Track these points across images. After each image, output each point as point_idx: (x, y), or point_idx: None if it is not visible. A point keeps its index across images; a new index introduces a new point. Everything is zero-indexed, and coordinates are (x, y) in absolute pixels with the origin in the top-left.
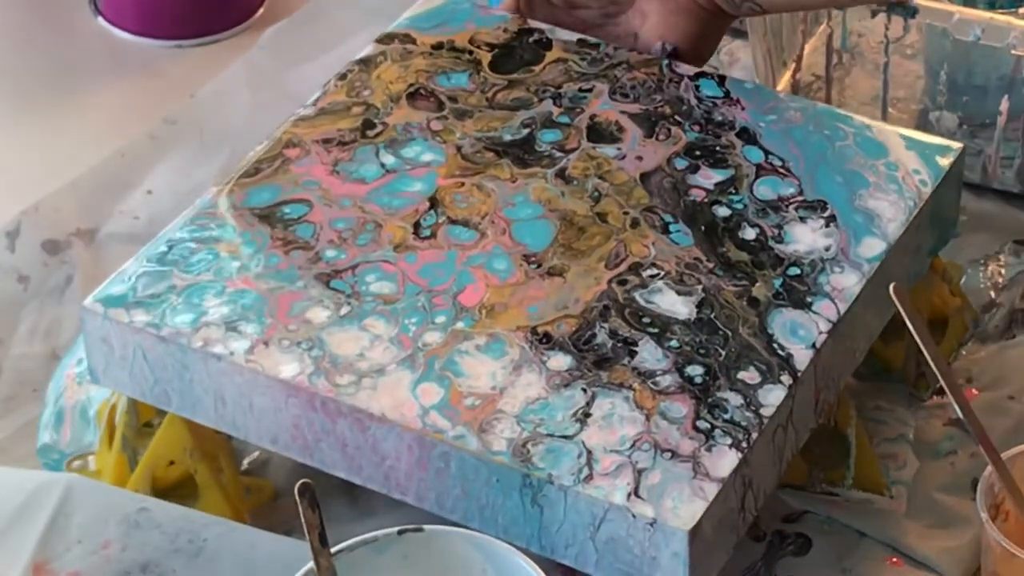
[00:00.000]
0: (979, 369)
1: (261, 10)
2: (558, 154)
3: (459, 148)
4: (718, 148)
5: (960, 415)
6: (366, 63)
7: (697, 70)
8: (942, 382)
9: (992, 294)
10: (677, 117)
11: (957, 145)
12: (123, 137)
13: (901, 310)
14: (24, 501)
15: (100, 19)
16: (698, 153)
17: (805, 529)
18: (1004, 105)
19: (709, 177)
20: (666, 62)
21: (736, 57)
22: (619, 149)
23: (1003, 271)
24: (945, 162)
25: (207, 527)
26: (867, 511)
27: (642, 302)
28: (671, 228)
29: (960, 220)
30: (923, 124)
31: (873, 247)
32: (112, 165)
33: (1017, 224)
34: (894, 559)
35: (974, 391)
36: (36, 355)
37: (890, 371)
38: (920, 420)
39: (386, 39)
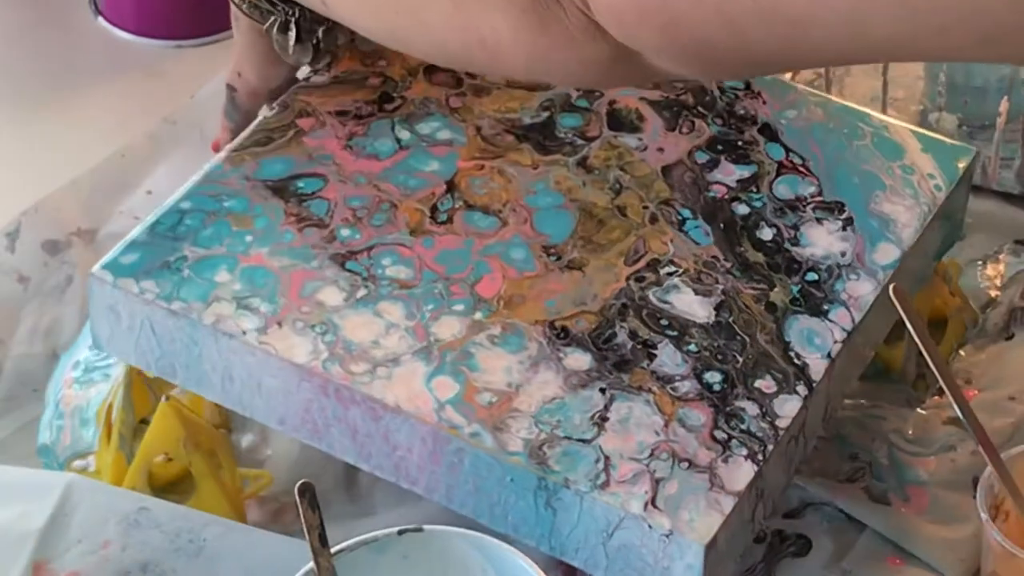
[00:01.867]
0: (979, 369)
1: None
2: (580, 142)
3: (479, 129)
4: (740, 143)
5: (960, 416)
6: None
7: None
8: (941, 382)
9: (991, 293)
10: (700, 108)
11: (971, 149)
12: (123, 137)
13: (901, 311)
14: (24, 501)
15: (100, 19)
16: (720, 148)
17: (805, 529)
18: (1003, 106)
19: (731, 173)
20: None
21: None
22: (640, 140)
23: (1002, 271)
24: (960, 166)
25: (207, 527)
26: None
27: (661, 302)
28: (690, 224)
29: None
30: (923, 125)
31: (888, 253)
32: (112, 165)
33: (1017, 224)
34: (894, 559)
35: (974, 391)
36: (36, 355)
37: (890, 371)
38: (920, 420)
39: None
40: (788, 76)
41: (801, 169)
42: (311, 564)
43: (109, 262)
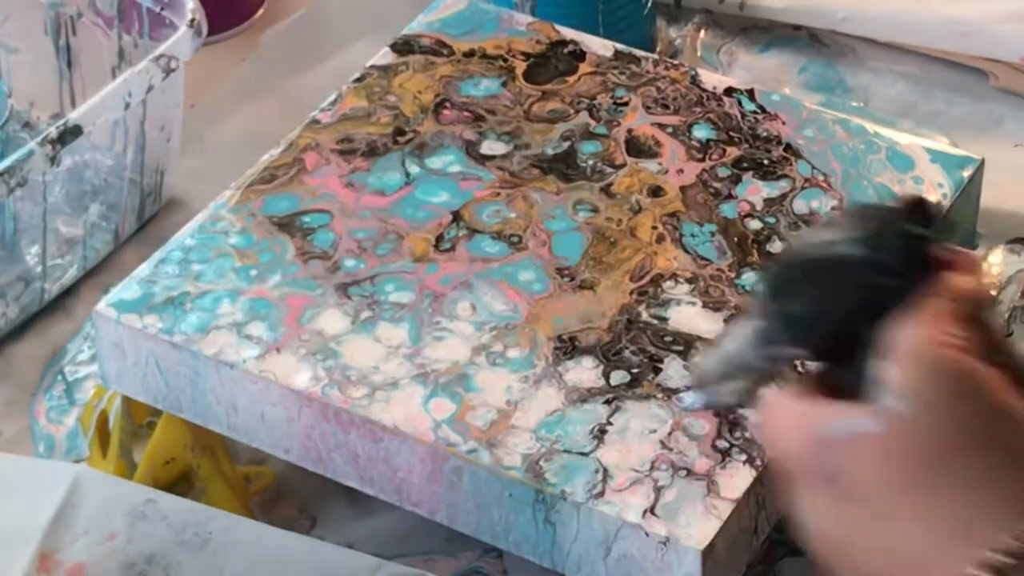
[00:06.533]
0: None
1: (261, 11)
2: (608, 169)
3: (502, 167)
4: (767, 163)
5: None
6: (386, 70)
7: (727, 84)
8: None
9: (991, 292)
10: (724, 132)
11: (976, 158)
12: None
13: None
14: (32, 492)
15: None
16: (746, 166)
17: None
18: None
19: (758, 191)
20: (692, 72)
21: (735, 57)
22: (660, 164)
23: (1002, 269)
24: (965, 174)
25: (213, 520)
26: None
27: (665, 318)
28: (701, 240)
29: None
30: None
31: None
32: None
33: (1015, 222)
34: None
35: None
36: (36, 357)
37: None
38: None
39: (406, 45)
40: (787, 91)
41: (823, 184)
42: None
43: (113, 299)
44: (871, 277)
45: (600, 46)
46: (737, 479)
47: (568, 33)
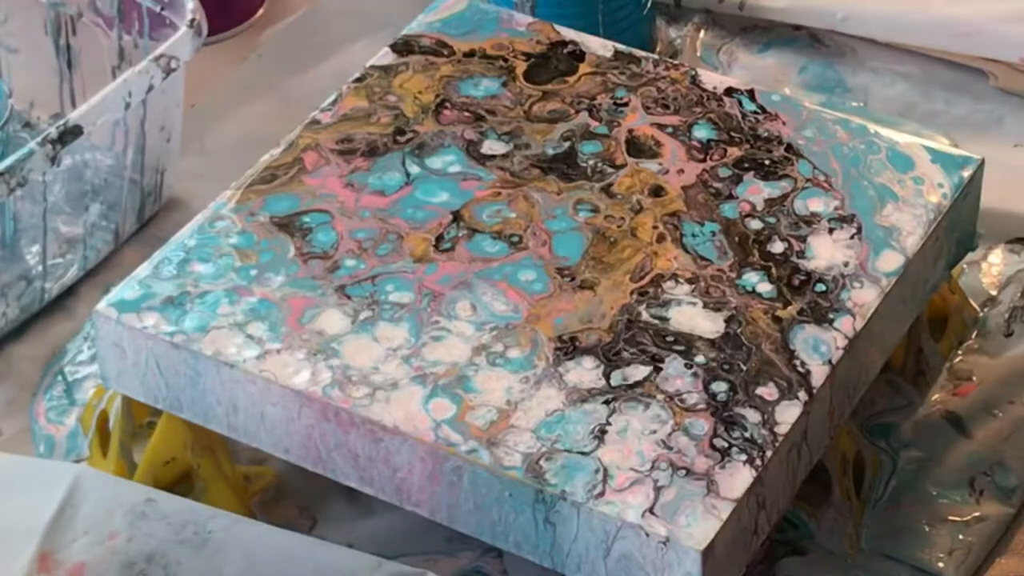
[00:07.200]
0: (979, 368)
1: (261, 11)
2: (609, 169)
3: (502, 167)
4: (767, 163)
5: None
6: (386, 70)
7: (727, 84)
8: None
9: (992, 292)
10: (724, 132)
11: (976, 157)
12: None
13: None
14: (33, 492)
15: None
16: (747, 166)
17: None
18: None
19: (759, 192)
20: (692, 72)
21: (735, 57)
22: (661, 164)
23: (1002, 269)
24: (965, 174)
25: (213, 519)
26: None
27: (666, 318)
28: (701, 240)
29: None
30: None
31: (892, 261)
32: None
33: (1015, 222)
34: (895, 558)
35: (973, 388)
36: (36, 357)
37: (889, 369)
38: (918, 417)
39: (407, 45)
40: (787, 91)
41: (824, 185)
42: None
43: (113, 299)
44: None
45: (600, 46)
46: (737, 479)
47: (568, 33)
